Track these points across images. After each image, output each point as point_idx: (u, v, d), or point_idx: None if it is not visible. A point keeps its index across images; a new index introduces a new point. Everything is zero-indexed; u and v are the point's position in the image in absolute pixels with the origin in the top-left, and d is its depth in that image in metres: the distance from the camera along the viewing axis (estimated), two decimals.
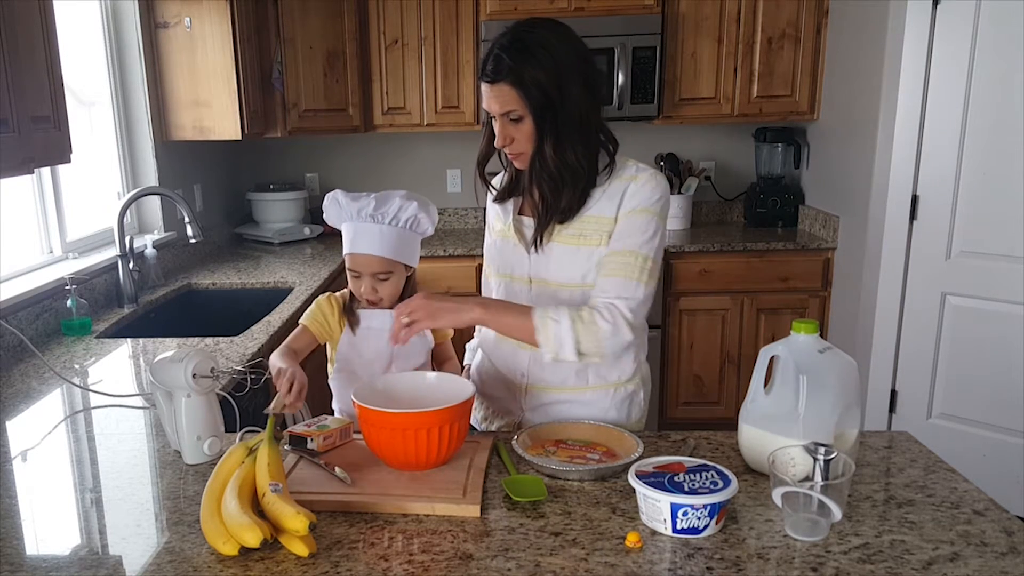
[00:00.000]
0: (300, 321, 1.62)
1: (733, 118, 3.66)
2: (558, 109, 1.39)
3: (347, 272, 1.60)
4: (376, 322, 1.60)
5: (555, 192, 1.45)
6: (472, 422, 1.66)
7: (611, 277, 1.43)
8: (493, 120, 1.45)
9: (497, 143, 1.46)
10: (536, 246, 1.49)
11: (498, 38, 1.41)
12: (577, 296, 1.48)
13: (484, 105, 1.45)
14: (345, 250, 1.58)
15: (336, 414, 1.68)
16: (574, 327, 1.37)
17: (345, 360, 1.62)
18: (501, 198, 1.59)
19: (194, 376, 1.33)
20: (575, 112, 1.40)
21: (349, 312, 1.62)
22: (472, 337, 1.77)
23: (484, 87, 1.43)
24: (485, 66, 1.41)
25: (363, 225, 1.54)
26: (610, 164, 1.47)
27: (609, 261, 1.44)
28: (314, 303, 1.63)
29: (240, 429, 1.35)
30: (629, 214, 1.44)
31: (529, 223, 1.54)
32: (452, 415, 1.24)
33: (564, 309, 1.40)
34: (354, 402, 1.27)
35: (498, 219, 1.60)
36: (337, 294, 1.65)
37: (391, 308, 1.51)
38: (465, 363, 1.77)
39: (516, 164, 1.50)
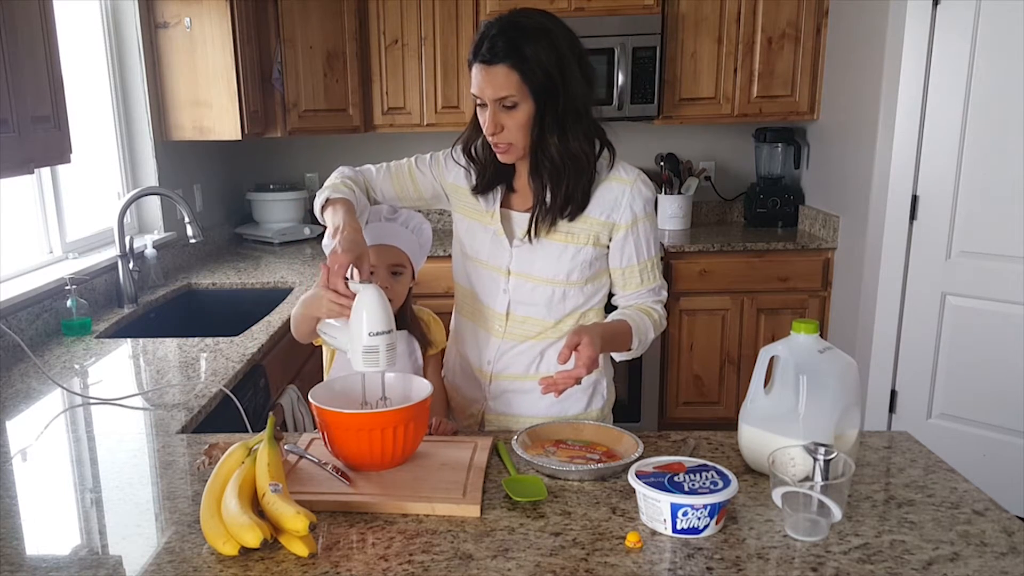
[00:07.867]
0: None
1: (733, 118, 3.66)
2: (560, 94, 1.35)
3: None
4: None
5: (556, 182, 1.42)
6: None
7: (650, 284, 1.55)
8: (479, 107, 1.40)
9: (486, 131, 1.40)
10: (530, 236, 1.46)
11: (490, 23, 1.36)
12: (559, 293, 1.50)
13: (474, 90, 1.38)
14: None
15: None
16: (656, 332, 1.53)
17: (341, 371, 1.58)
18: (482, 190, 1.52)
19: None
20: (577, 99, 1.37)
21: None
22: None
23: (477, 70, 1.36)
24: (480, 48, 1.35)
25: (386, 224, 1.54)
26: (611, 158, 1.46)
27: (641, 271, 1.53)
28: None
29: (243, 429, 1.35)
30: (640, 223, 1.49)
31: (519, 219, 1.50)
32: (408, 415, 1.24)
33: (647, 321, 1.50)
34: (311, 403, 1.27)
35: (476, 204, 1.54)
36: None
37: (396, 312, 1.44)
38: None
39: (501, 157, 1.43)
